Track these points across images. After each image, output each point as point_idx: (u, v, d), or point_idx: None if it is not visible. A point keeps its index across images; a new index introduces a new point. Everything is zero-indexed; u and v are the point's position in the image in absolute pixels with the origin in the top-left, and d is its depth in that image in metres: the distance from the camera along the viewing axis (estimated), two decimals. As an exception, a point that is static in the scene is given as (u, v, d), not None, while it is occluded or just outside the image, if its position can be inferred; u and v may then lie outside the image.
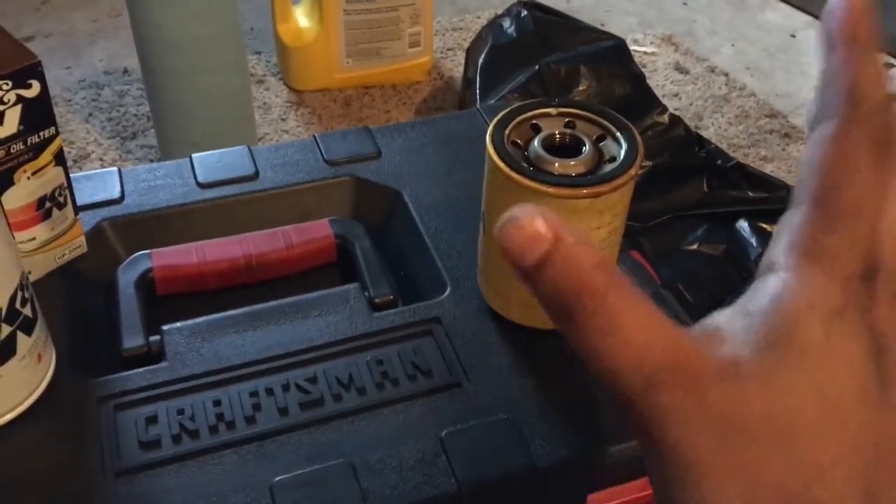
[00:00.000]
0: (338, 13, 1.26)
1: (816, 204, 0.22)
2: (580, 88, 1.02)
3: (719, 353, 0.21)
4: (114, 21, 1.50)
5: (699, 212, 1.05)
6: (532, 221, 0.22)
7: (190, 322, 0.53)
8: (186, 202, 0.62)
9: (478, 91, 1.07)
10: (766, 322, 0.21)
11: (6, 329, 0.44)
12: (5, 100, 0.47)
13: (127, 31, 1.47)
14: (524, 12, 1.12)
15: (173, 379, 0.50)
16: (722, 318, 0.22)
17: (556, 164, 0.47)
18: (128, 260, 0.57)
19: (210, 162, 0.65)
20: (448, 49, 1.46)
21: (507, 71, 1.05)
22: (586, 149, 0.48)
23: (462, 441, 0.47)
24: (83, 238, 0.57)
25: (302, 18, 1.32)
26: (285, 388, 0.50)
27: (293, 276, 0.60)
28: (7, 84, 0.46)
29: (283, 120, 1.30)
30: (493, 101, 0.98)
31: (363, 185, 0.64)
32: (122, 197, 0.61)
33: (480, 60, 1.10)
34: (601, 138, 0.49)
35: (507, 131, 0.49)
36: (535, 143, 0.48)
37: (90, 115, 1.26)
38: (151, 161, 1.18)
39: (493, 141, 0.48)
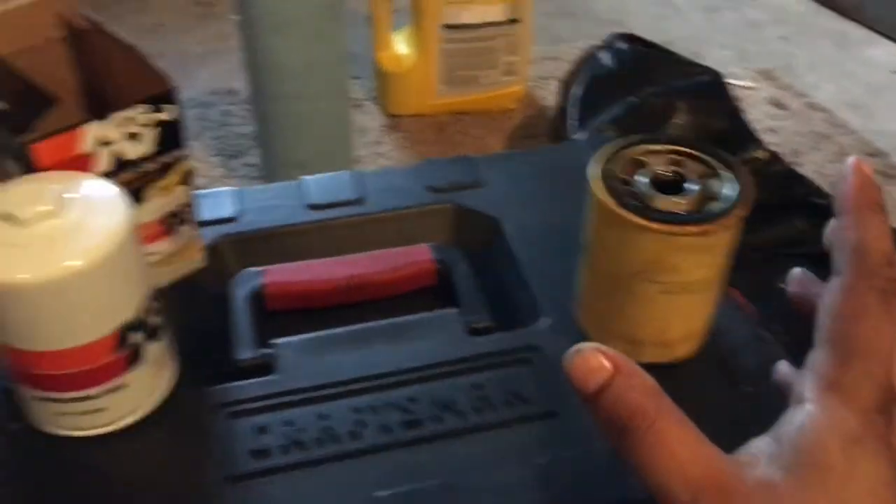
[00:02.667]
0: (436, 42, 1.29)
1: (833, 345, 0.26)
2: (676, 122, 1.01)
3: (755, 474, 0.25)
4: (222, 44, 1.57)
5: (796, 250, 1.03)
6: (595, 354, 0.27)
7: (299, 337, 0.56)
8: (296, 222, 0.65)
9: (573, 121, 1.08)
10: (794, 448, 0.25)
11: (136, 336, 0.47)
12: (144, 123, 0.50)
13: (233, 53, 1.54)
14: (622, 44, 1.13)
15: (283, 391, 0.52)
16: (757, 446, 0.26)
17: (662, 201, 0.48)
18: (241, 275, 0.60)
19: (319, 185, 0.68)
20: (541, 78, 1.47)
21: (603, 102, 1.06)
22: (693, 186, 0.49)
23: (561, 470, 0.48)
24: (202, 254, 0.60)
25: (401, 46, 1.35)
26: (388, 406, 0.52)
27: (395, 298, 0.62)
28: (146, 108, 0.50)
29: (378, 143, 1.33)
30: (588, 133, 0.99)
31: (464, 213, 0.66)
32: (238, 215, 0.65)
33: (576, 91, 1.11)
34: (708, 176, 0.50)
35: (611, 165, 0.50)
36: (640, 178, 0.49)
37: (198, 133, 1.33)
38: (253, 179, 1.23)
39: (597, 174, 0.49)
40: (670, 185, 0.49)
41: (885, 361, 0.25)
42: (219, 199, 0.66)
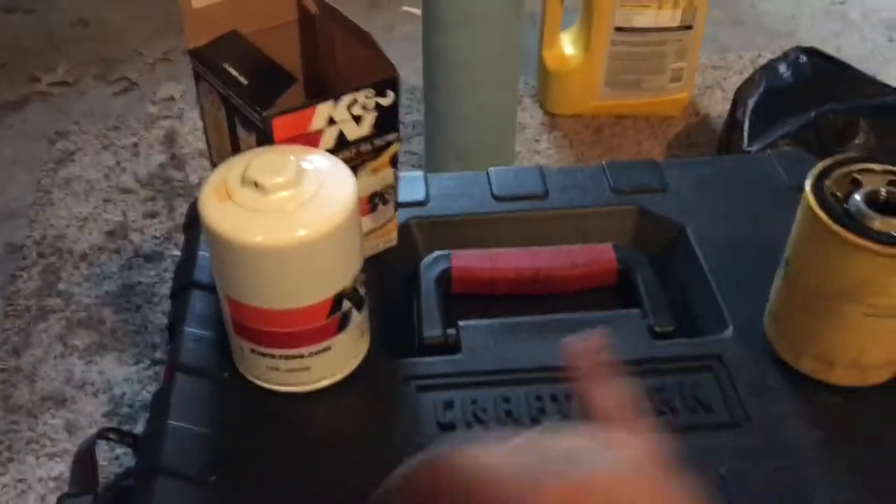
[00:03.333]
0: (605, 43, 1.29)
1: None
2: (857, 142, 0.98)
3: None
4: (388, 35, 1.62)
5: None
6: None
7: (484, 321, 0.58)
8: (482, 211, 0.67)
9: (746, 133, 1.06)
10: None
11: (346, 304, 0.50)
12: (365, 106, 0.53)
13: (396, 44, 1.59)
14: (802, 57, 1.10)
15: (468, 371, 0.55)
16: None
17: (879, 222, 0.47)
18: (430, 257, 0.63)
19: (505, 177, 0.70)
20: (707, 87, 1.45)
21: (780, 116, 1.03)
22: (913, 209, 0.47)
23: (743, 480, 0.48)
24: (396, 233, 0.63)
25: (567, 45, 1.36)
26: (568, 397, 0.53)
27: (573, 293, 0.63)
28: (371, 92, 0.53)
29: (536, 141, 1.35)
30: (761, 145, 0.96)
31: (647, 216, 0.67)
32: (427, 200, 0.68)
33: (751, 102, 1.08)
34: (928, 200, 0.48)
35: (827, 182, 0.49)
36: (857, 197, 0.48)
37: (363, 118, 1.38)
38: (413, 167, 1.27)
39: (813, 190, 0.48)
40: (888, 206, 0.48)
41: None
42: (410, 183, 0.69)
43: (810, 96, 1.05)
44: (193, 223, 0.65)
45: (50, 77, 1.50)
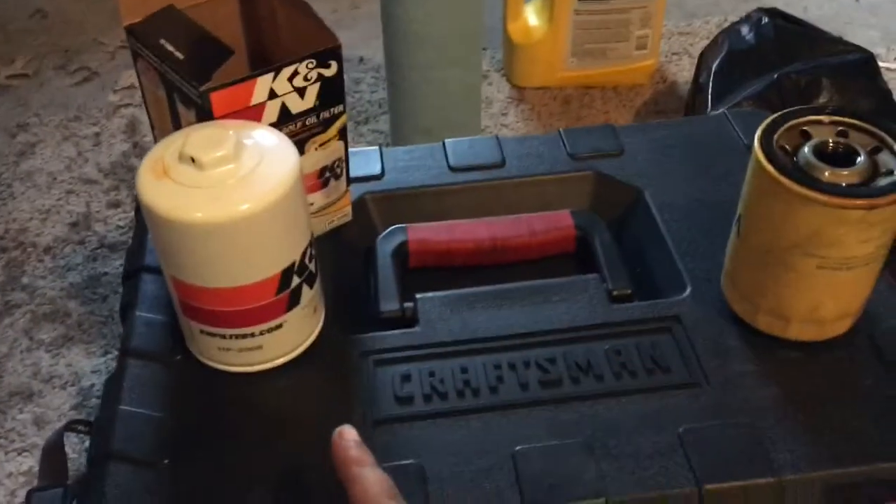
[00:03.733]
0: (569, 13, 1.28)
1: None
2: (821, 101, 0.97)
3: None
4: (352, 13, 1.60)
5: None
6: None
7: (441, 293, 0.57)
8: (439, 183, 0.66)
9: (709, 96, 1.05)
10: None
11: (296, 280, 0.49)
12: (308, 77, 0.52)
13: (363, 22, 1.57)
14: (765, 19, 1.09)
15: (425, 343, 0.54)
16: None
17: (828, 173, 0.46)
18: (386, 232, 0.62)
19: (461, 148, 0.69)
20: (673, 53, 1.44)
21: (743, 78, 1.02)
22: (861, 159, 0.47)
23: (701, 440, 0.48)
24: (350, 208, 0.62)
25: (532, 17, 1.35)
26: (526, 364, 0.53)
27: (532, 261, 0.63)
28: (312, 63, 0.52)
29: (503, 115, 1.33)
30: (727, 108, 0.96)
31: (604, 181, 0.66)
32: (383, 174, 0.67)
33: (714, 66, 1.08)
34: (876, 150, 0.48)
35: (775, 136, 0.49)
36: (806, 149, 0.48)
37: (328, 98, 1.36)
38: (380, 145, 1.25)
39: (761, 144, 0.48)
40: (837, 157, 0.47)
41: None
42: (366, 157, 0.68)
43: (773, 57, 1.04)
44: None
45: (8, 70, 1.47)
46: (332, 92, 0.54)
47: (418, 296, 0.57)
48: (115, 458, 0.48)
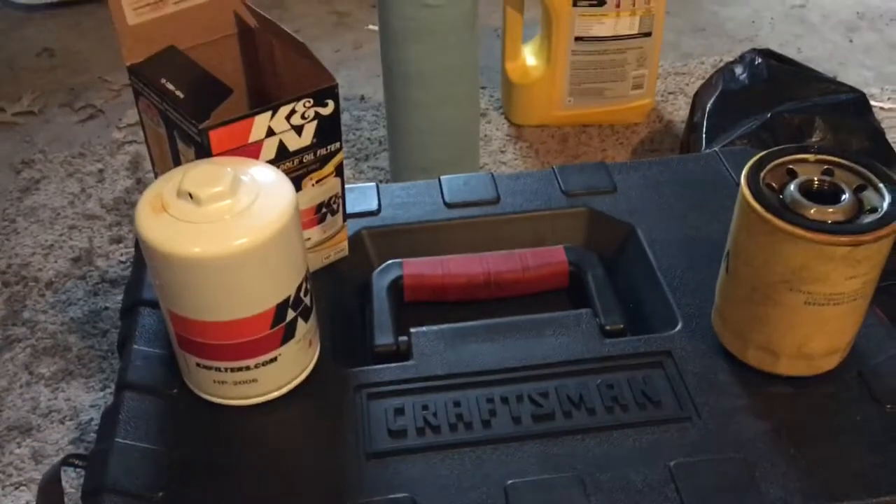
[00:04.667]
0: (566, 53, 1.30)
1: None
2: (814, 139, 0.99)
3: None
4: (355, 52, 1.63)
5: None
6: None
7: (435, 327, 0.58)
8: (434, 219, 0.67)
9: (703, 135, 1.06)
10: None
11: (291, 314, 0.50)
12: (305, 115, 0.54)
13: (365, 62, 1.59)
14: (758, 59, 1.11)
15: (419, 377, 0.55)
16: None
17: (813, 210, 0.47)
18: (381, 266, 0.63)
19: (457, 185, 0.70)
20: (669, 93, 1.46)
21: (737, 117, 1.04)
22: (846, 197, 0.48)
23: (692, 474, 0.48)
24: (346, 243, 0.63)
25: (529, 57, 1.37)
26: (519, 398, 0.53)
27: (525, 296, 0.63)
28: (309, 102, 0.53)
29: (502, 152, 1.35)
30: (720, 147, 0.97)
31: (598, 217, 0.67)
32: (379, 210, 0.68)
33: (709, 105, 1.09)
34: (861, 188, 0.49)
35: (762, 174, 0.50)
36: (792, 187, 0.49)
37: (329, 136, 1.38)
38: (381, 181, 1.27)
39: (748, 182, 0.49)
40: (822, 195, 0.48)
41: None
42: (363, 194, 0.69)
43: (767, 97, 1.06)
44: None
45: (15, 107, 1.49)
46: (329, 130, 0.55)
47: (413, 330, 0.58)
48: (110, 490, 0.48)
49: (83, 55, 1.65)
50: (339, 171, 0.58)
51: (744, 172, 0.50)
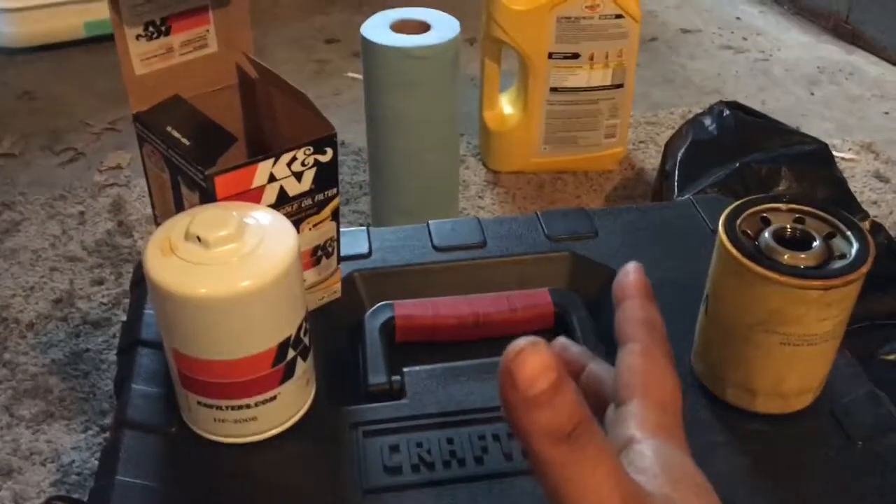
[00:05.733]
0: (541, 103, 1.34)
1: (647, 397, 0.32)
2: (780, 188, 1.03)
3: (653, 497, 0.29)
4: (335, 99, 1.67)
5: (894, 322, 1.02)
6: (547, 352, 0.28)
7: (427, 367, 0.60)
8: (423, 262, 0.69)
9: (674, 183, 1.11)
10: (668, 476, 0.30)
11: (291, 353, 0.52)
12: (305, 162, 0.56)
13: (345, 108, 1.63)
14: (726, 111, 1.16)
15: (413, 415, 0.56)
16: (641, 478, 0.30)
17: (787, 256, 0.50)
18: (373, 308, 0.65)
19: (445, 229, 0.72)
20: (640, 141, 1.51)
21: (706, 166, 1.08)
22: (817, 243, 0.51)
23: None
24: (339, 285, 0.65)
25: (506, 106, 1.41)
26: (510, 436, 0.55)
27: (513, 336, 0.66)
28: (309, 150, 0.56)
29: (480, 197, 1.38)
30: (692, 194, 1.01)
31: (580, 261, 0.70)
32: (370, 253, 0.70)
33: (680, 154, 1.14)
34: (830, 235, 0.52)
35: (738, 221, 0.53)
36: (766, 234, 0.52)
37: (310, 180, 1.40)
38: (362, 225, 1.29)
39: (725, 229, 0.52)
40: (795, 242, 0.51)
41: (679, 403, 0.34)
42: (354, 237, 0.71)
43: (734, 147, 1.11)
44: (139, 282, 0.66)
45: (-5, 149, 1.50)
46: (326, 176, 0.58)
47: (405, 369, 0.60)
48: (111, 527, 0.49)
49: (64, 98, 1.66)
50: (334, 215, 0.61)
51: (721, 220, 0.53)
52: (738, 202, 0.54)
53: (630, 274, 0.37)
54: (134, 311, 0.64)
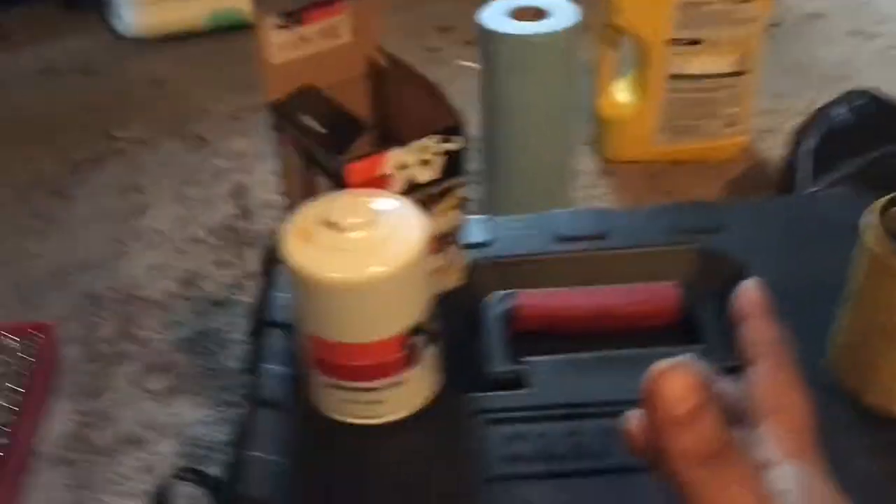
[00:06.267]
0: (659, 90, 1.31)
1: (780, 419, 0.31)
2: (919, 182, 0.97)
3: None
4: (447, 88, 1.67)
5: None
6: (689, 373, 0.28)
7: (551, 357, 0.59)
8: (544, 252, 0.69)
9: (804, 175, 1.06)
10: (803, 496, 0.30)
11: (419, 339, 0.53)
12: (434, 152, 0.57)
13: (456, 97, 1.63)
14: (860, 100, 1.10)
15: (536, 405, 0.56)
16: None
17: (940, 254, 0.48)
18: (494, 296, 0.65)
19: (566, 218, 0.72)
20: (763, 131, 1.45)
21: (838, 158, 1.03)
22: (974, 241, 0.48)
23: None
24: (461, 273, 0.65)
25: (622, 93, 1.38)
26: (635, 431, 0.54)
27: (635, 330, 0.64)
28: (439, 139, 0.56)
29: (593, 187, 1.36)
30: (823, 188, 0.97)
31: (707, 255, 0.68)
32: (491, 241, 0.70)
33: (809, 145, 1.09)
34: None
35: (884, 217, 0.50)
36: (917, 231, 0.49)
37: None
38: (472, 213, 1.29)
39: (874, 225, 0.49)
40: (948, 239, 0.48)
41: (813, 423, 0.33)
42: (474, 225, 0.71)
43: (868, 138, 1.05)
44: (268, 266, 0.68)
45: (125, 134, 1.58)
46: (454, 165, 0.58)
47: (529, 359, 0.59)
48: (244, 500, 0.51)
49: (190, 86, 1.73)
50: (460, 204, 0.61)
51: (865, 217, 0.50)
52: (888, 197, 0.51)
53: (750, 291, 0.37)
54: (263, 294, 0.66)
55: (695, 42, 1.25)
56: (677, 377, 0.27)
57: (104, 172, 1.49)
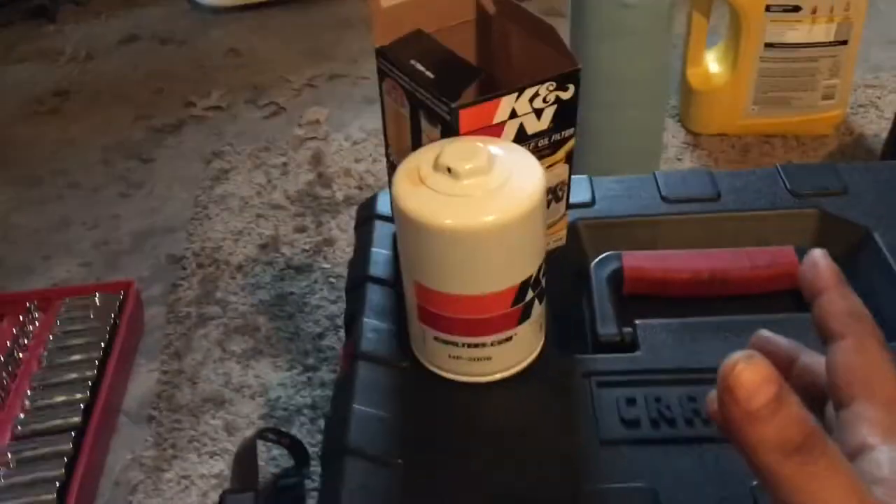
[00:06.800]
0: (754, 60, 1.26)
1: (873, 396, 0.28)
2: None
3: None
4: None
5: None
6: (765, 364, 0.25)
7: (662, 321, 0.56)
8: (651, 213, 0.66)
9: (915, 146, 1.00)
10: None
11: (530, 294, 0.50)
12: (546, 99, 0.54)
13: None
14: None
15: (648, 369, 0.53)
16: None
17: None
18: (601, 257, 0.62)
19: (674, 180, 0.68)
20: (860, 105, 1.38)
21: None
22: None
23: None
24: (565, 232, 0.63)
25: (713, 63, 1.33)
26: (756, 398, 0.51)
27: (749, 296, 0.61)
28: (552, 86, 0.53)
29: (678, 160, 1.32)
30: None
31: (829, 219, 0.64)
32: (593, 202, 0.67)
33: (920, 115, 1.03)
34: None
35: None
36: None
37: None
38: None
39: None
40: None
41: None
42: (575, 185, 0.68)
43: None
44: (366, 221, 0.67)
45: (204, 102, 1.59)
46: (566, 114, 0.55)
47: (638, 322, 0.57)
48: (351, 453, 0.49)
49: (266, 55, 1.74)
50: (568, 157, 0.58)
51: None
52: None
53: (818, 264, 0.33)
54: (361, 248, 0.65)
55: (794, 8, 1.20)
56: (748, 370, 0.25)
57: (185, 138, 1.50)
